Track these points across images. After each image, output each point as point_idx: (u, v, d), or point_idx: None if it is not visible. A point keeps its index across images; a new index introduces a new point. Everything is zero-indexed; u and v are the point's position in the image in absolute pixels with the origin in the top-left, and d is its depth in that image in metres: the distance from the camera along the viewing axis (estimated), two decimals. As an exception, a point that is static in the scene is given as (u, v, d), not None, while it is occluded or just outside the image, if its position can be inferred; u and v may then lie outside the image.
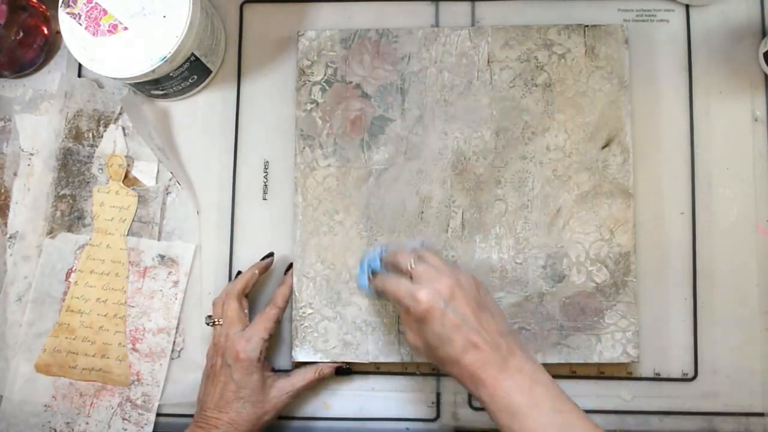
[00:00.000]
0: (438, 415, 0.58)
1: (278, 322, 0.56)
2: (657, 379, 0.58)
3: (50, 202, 0.61)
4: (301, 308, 0.57)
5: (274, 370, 0.56)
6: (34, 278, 0.60)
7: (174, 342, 0.59)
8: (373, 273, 0.53)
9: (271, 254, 0.59)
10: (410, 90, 0.59)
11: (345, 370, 0.57)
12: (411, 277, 0.48)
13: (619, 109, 0.58)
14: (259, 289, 0.60)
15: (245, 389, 0.53)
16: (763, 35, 0.60)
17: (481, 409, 0.58)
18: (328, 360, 0.56)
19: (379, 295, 0.55)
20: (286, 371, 0.57)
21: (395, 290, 0.49)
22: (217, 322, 0.55)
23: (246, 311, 0.56)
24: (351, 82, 0.59)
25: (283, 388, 0.54)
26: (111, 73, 0.53)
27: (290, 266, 0.58)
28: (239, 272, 0.59)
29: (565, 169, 0.57)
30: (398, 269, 0.50)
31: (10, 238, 0.61)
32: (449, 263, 0.50)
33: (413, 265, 0.49)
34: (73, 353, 0.59)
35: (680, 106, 0.60)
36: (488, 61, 0.59)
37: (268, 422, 0.54)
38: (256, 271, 0.57)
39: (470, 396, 0.58)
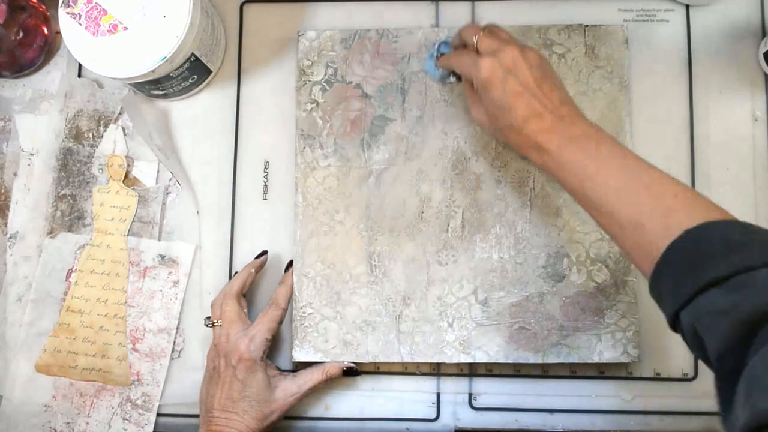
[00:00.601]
0: (438, 415, 0.58)
1: (281, 323, 0.56)
2: (657, 379, 0.58)
3: (50, 202, 0.61)
4: (301, 308, 0.57)
5: (278, 370, 0.56)
6: (34, 278, 0.60)
7: (174, 342, 0.59)
8: (440, 56, 0.55)
9: (264, 252, 0.59)
10: (410, 90, 0.59)
11: (353, 372, 0.57)
12: (477, 51, 0.49)
13: (619, 108, 0.58)
14: (256, 288, 0.60)
15: (250, 388, 0.52)
16: (763, 35, 0.60)
17: (481, 408, 0.58)
18: (329, 359, 0.56)
19: (445, 78, 0.56)
20: (292, 371, 0.57)
21: (459, 62, 0.50)
22: (216, 324, 0.55)
23: (245, 311, 0.56)
24: (351, 82, 0.59)
25: (288, 389, 0.54)
26: (111, 73, 0.53)
27: (290, 264, 0.58)
28: (236, 273, 0.59)
29: (565, 169, 0.57)
30: (466, 44, 0.51)
31: (10, 238, 0.61)
32: (515, 38, 0.50)
33: (479, 38, 0.50)
34: (74, 353, 0.59)
35: (680, 106, 0.60)
36: (488, 61, 0.59)
37: (274, 423, 0.54)
38: (252, 270, 0.57)
39: (470, 396, 0.58)
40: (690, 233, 0.39)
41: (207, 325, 0.56)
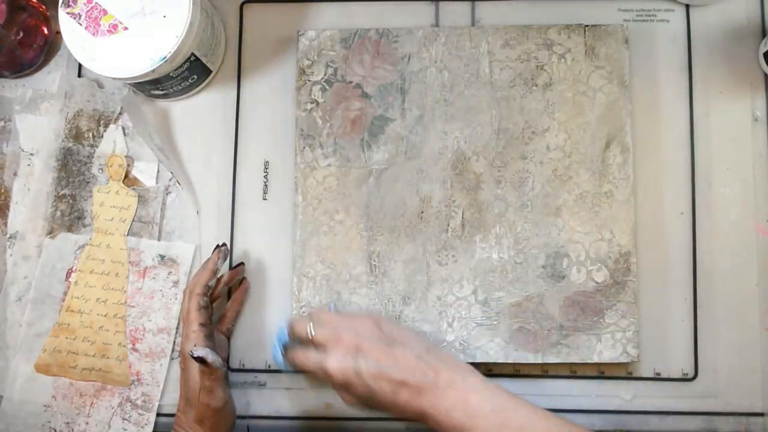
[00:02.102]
0: (438, 415, 0.58)
1: (206, 308, 0.53)
2: (657, 379, 0.58)
3: (50, 202, 0.61)
4: (301, 308, 0.57)
5: (226, 377, 0.54)
6: (34, 278, 0.60)
7: (174, 342, 0.59)
8: (285, 347, 0.53)
9: (240, 264, 0.58)
10: (410, 90, 0.59)
11: (200, 359, 0.50)
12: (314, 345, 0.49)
13: (619, 108, 0.58)
14: (255, 296, 0.60)
15: (187, 390, 0.52)
16: (763, 35, 0.60)
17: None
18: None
19: (297, 368, 0.53)
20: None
21: (305, 364, 0.50)
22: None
23: (203, 309, 0.53)
24: (351, 82, 0.59)
25: (202, 392, 0.51)
26: (111, 73, 0.54)
27: (217, 247, 0.56)
28: (217, 246, 0.57)
29: (565, 169, 0.57)
30: (301, 339, 0.51)
31: (10, 238, 0.61)
32: (343, 314, 0.50)
33: (312, 333, 0.49)
34: (73, 353, 0.59)
35: (680, 106, 0.60)
36: (488, 61, 0.59)
37: (216, 429, 0.51)
38: (213, 266, 0.55)
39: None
40: None
41: None
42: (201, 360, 0.50)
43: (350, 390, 0.48)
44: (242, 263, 0.59)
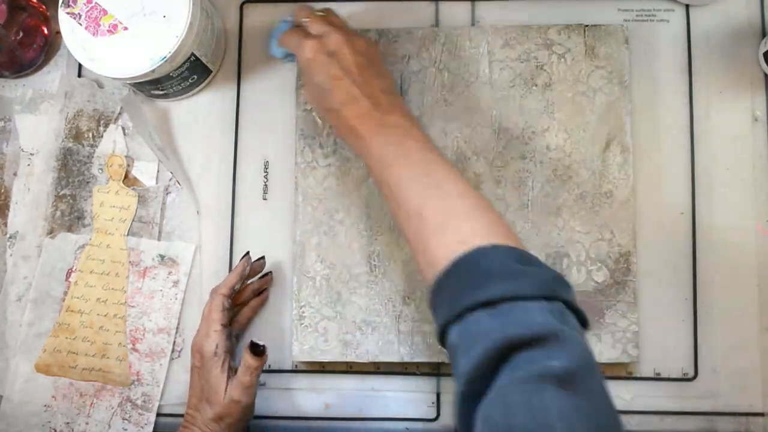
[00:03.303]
0: (438, 415, 0.58)
1: (229, 310, 0.54)
2: (657, 379, 0.58)
3: (50, 202, 0.61)
4: (301, 308, 0.57)
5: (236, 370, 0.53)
6: (34, 278, 0.60)
7: (174, 342, 0.59)
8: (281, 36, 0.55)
9: (260, 258, 0.59)
10: (410, 90, 0.59)
11: (257, 348, 0.51)
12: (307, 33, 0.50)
13: (619, 108, 0.58)
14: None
15: (205, 389, 0.52)
16: (763, 35, 0.60)
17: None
18: (329, 359, 0.56)
19: (286, 57, 0.56)
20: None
21: (289, 41, 0.51)
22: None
23: (226, 310, 0.54)
24: (351, 82, 0.59)
25: (231, 392, 0.51)
26: (111, 73, 0.54)
27: (246, 254, 0.57)
28: (247, 254, 0.58)
29: (565, 169, 0.57)
30: (300, 23, 0.52)
31: (10, 238, 0.61)
32: (348, 25, 0.52)
33: (307, 19, 0.51)
34: (73, 353, 0.59)
35: (680, 106, 0.60)
36: (488, 61, 0.59)
37: (234, 427, 0.51)
38: (252, 305, 0.58)
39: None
40: (475, 252, 0.40)
41: None
42: (261, 351, 0.51)
43: (309, 78, 0.49)
44: (270, 272, 0.59)
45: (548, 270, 0.40)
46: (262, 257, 0.58)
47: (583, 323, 0.39)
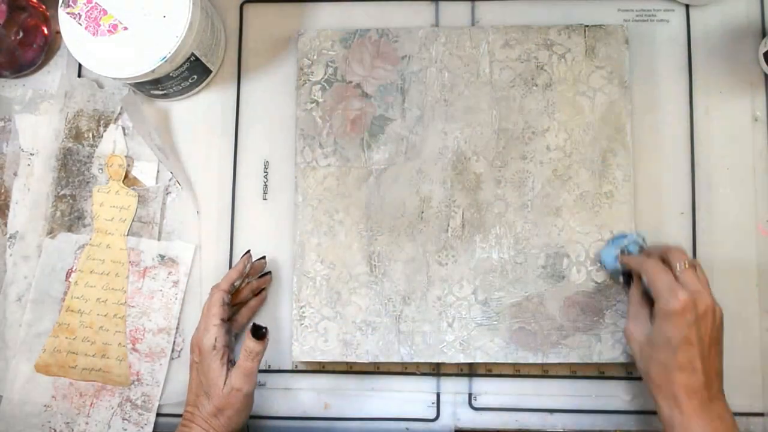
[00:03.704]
0: (438, 415, 0.58)
1: (228, 305, 0.54)
2: (657, 379, 0.57)
3: (50, 202, 0.61)
4: (301, 308, 0.57)
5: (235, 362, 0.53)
6: (34, 278, 0.60)
7: (174, 342, 0.59)
8: (626, 253, 0.54)
9: (268, 272, 0.59)
10: (410, 90, 0.59)
11: (259, 332, 0.52)
12: (675, 277, 0.49)
13: (619, 108, 0.58)
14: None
15: (205, 383, 0.52)
16: (763, 35, 0.60)
17: (481, 408, 0.58)
18: (329, 359, 0.56)
19: (617, 274, 0.55)
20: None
21: (657, 277, 0.49)
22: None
23: (226, 306, 0.54)
24: (351, 82, 0.59)
25: (233, 382, 0.51)
26: (111, 73, 0.54)
27: (247, 252, 0.58)
28: (248, 252, 0.58)
29: (565, 169, 0.57)
30: (666, 262, 0.50)
31: (10, 238, 0.61)
32: (709, 287, 0.50)
33: (685, 267, 0.49)
34: (73, 353, 0.59)
35: (680, 106, 0.60)
36: (488, 61, 0.59)
37: (234, 419, 0.51)
38: (252, 304, 0.58)
39: (470, 396, 0.58)
40: None
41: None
42: (263, 334, 0.51)
43: (661, 325, 0.47)
44: (269, 272, 0.59)
45: None
46: (263, 257, 0.58)
47: None
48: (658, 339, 0.48)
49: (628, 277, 0.55)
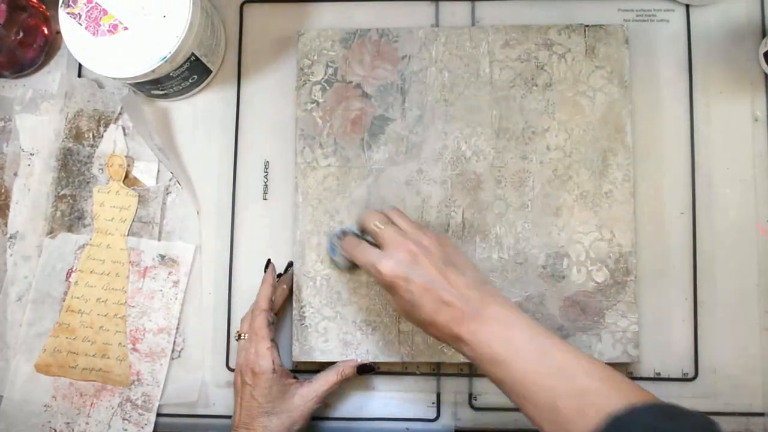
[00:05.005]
0: (438, 415, 0.58)
1: (273, 324, 0.55)
2: (657, 379, 0.58)
3: (50, 202, 0.61)
4: (301, 308, 0.57)
5: (295, 378, 0.55)
6: (34, 278, 0.60)
7: (174, 342, 0.59)
8: (340, 240, 0.54)
9: (290, 264, 0.59)
10: (410, 90, 0.59)
11: (367, 368, 0.56)
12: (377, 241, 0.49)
13: (619, 108, 0.58)
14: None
15: (268, 403, 0.52)
16: (763, 35, 0.60)
17: (482, 408, 0.58)
18: (329, 360, 0.56)
19: (348, 265, 0.55)
20: (302, 372, 0.57)
21: (360, 259, 0.50)
22: (242, 337, 0.55)
23: (272, 326, 0.55)
24: (351, 82, 0.59)
25: (306, 395, 0.53)
26: (111, 73, 0.54)
27: (268, 263, 0.58)
28: (269, 262, 0.59)
29: (565, 169, 0.57)
30: (367, 231, 0.51)
31: (10, 238, 0.61)
32: (416, 223, 0.51)
33: (380, 227, 0.50)
34: (73, 353, 0.59)
35: (680, 106, 0.60)
36: (488, 61, 0.59)
37: (299, 431, 0.53)
38: (285, 286, 0.57)
39: (470, 396, 0.58)
40: (615, 423, 0.38)
41: (236, 339, 0.56)
42: (370, 368, 0.55)
43: (394, 295, 0.48)
44: (291, 262, 0.59)
45: (698, 417, 0.39)
46: (290, 265, 0.59)
47: None
48: (403, 308, 0.48)
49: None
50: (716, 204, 0.59)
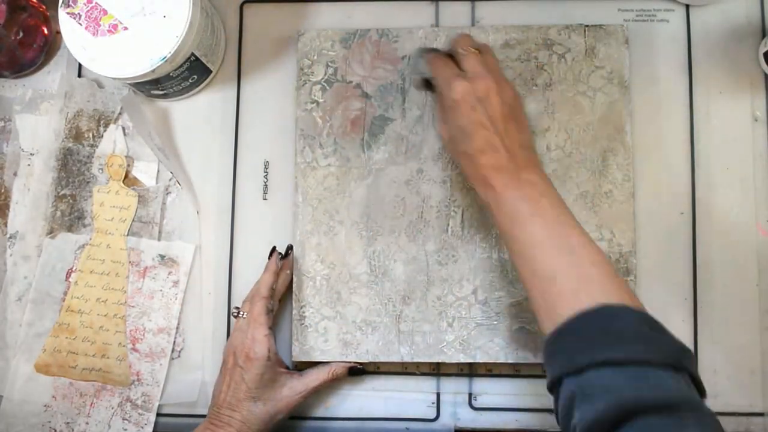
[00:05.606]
0: (438, 415, 0.58)
1: (272, 312, 0.55)
2: (657, 379, 0.57)
3: (50, 202, 0.61)
4: (301, 308, 0.57)
5: (287, 369, 0.56)
6: (34, 278, 0.60)
7: (174, 342, 0.59)
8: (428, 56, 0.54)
9: (290, 247, 0.58)
10: (410, 90, 0.59)
11: (358, 371, 0.57)
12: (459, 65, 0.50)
13: (619, 108, 0.58)
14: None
15: (257, 389, 0.52)
16: (763, 35, 0.60)
17: (482, 408, 0.58)
18: (329, 359, 0.56)
19: (420, 85, 0.56)
20: (300, 370, 0.57)
21: (437, 72, 0.51)
22: (241, 315, 0.55)
23: (272, 313, 0.55)
24: (351, 82, 0.59)
25: (295, 387, 0.54)
26: (111, 73, 0.54)
27: (273, 250, 0.58)
28: (275, 249, 0.58)
29: (565, 169, 0.57)
30: (453, 52, 0.51)
31: (10, 238, 0.61)
32: (500, 68, 0.51)
33: (467, 51, 0.50)
34: (73, 353, 0.59)
35: (680, 106, 0.60)
36: (488, 61, 0.59)
37: (281, 421, 0.54)
38: (288, 272, 0.57)
39: (470, 396, 0.58)
40: (603, 310, 0.40)
41: (234, 315, 0.56)
42: (359, 370, 0.56)
43: (451, 118, 0.49)
44: (290, 245, 0.58)
45: (676, 340, 0.41)
46: (290, 247, 0.58)
47: (702, 397, 0.39)
48: (454, 131, 0.49)
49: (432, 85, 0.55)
50: (716, 204, 0.59)
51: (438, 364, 0.58)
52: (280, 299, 0.58)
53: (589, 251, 0.44)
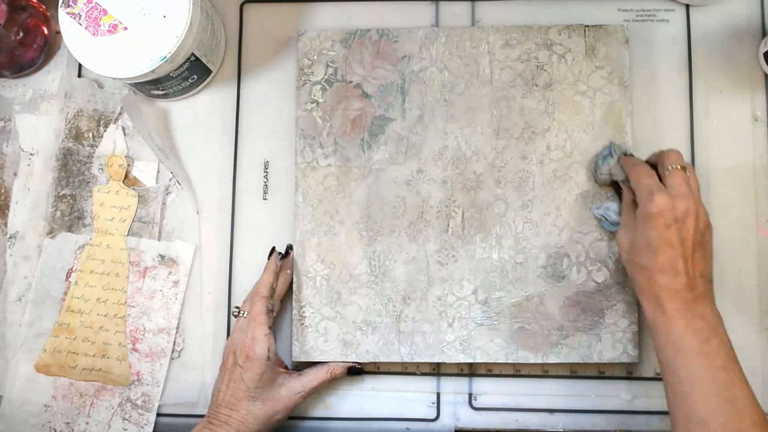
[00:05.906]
0: (438, 415, 0.58)
1: (272, 311, 0.55)
2: (657, 379, 0.57)
3: (50, 202, 0.61)
4: (301, 308, 0.57)
5: (286, 369, 0.56)
6: (34, 278, 0.60)
7: (174, 342, 0.59)
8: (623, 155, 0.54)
9: (289, 246, 0.58)
10: (410, 90, 0.59)
11: (357, 370, 0.57)
12: (663, 180, 0.49)
13: (619, 108, 0.58)
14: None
15: (256, 389, 0.52)
16: (763, 35, 0.60)
17: (481, 408, 0.58)
18: (329, 359, 0.56)
19: (607, 181, 0.55)
20: (299, 370, 0.57)
21: (639, 178, 0.50)
22: (241, 315, 0.55)
23: (272, 313, 0.55)
24: (351, 82, 0.59)
25: (293, 387, 0.54)
26: (111, 73, 0.54)
27: (273, 250, 0.58)
28: (274, 249, 0.58)
29: (565, 169, 0.57)
30: (657, 164, 0.51)
31: (10, 238, 0.61)
32: (698, 192, 0.50)
33: (673, 168, 0.49)
34: (73, 353, 0.59)
35: (680, 105, 0.60)
36: (488, 61, 0.59)
37: (280, 421, 0.54)
38: (288, 272, 0.57)
39: (470, 396, 0.58)
40: None
41: (234, 315, 0.56)
42: (358, 371, 0.56)
43: (641, 229, 0.48)
44: (290, 245, 0.58)
45: None
46: (290, 247, 0.58)
47: None
48: (639, 242, 0.48)
49: (617, 186, 0.55)
50: (716, 204, 0.59)
51: (438, 364, 0.58)
52: (282, 300, 0.58)
53: (752, 409, 0.43)
